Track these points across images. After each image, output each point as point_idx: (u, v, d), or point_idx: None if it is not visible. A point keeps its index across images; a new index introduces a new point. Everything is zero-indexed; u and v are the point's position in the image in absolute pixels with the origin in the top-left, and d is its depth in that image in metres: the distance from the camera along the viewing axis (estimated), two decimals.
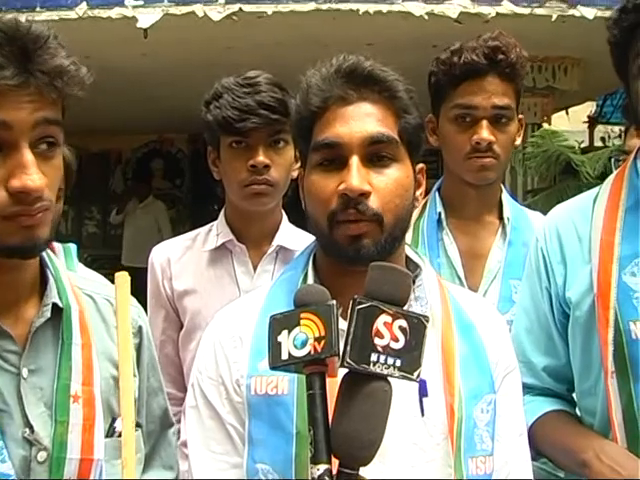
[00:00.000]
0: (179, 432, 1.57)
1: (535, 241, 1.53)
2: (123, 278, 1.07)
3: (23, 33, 1.00)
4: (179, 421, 1.75)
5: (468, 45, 1.78)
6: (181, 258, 1.94)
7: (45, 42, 1.01)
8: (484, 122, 1.77)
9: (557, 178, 5.10)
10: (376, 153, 1.17)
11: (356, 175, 1.13)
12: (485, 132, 1.77)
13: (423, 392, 1.14)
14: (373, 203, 1.14)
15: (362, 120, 1.17)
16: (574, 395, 1.50)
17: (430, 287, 1.23)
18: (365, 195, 1.14)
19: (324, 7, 4.35)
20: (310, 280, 1.22)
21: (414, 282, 1.24)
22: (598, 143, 8.58)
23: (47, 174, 1.03)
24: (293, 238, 1.88)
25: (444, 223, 1.88)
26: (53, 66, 1.01)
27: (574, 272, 1.42)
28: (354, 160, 1.15)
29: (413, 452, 1.13)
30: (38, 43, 1.01)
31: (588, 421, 1.44)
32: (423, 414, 1.14)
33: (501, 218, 1.89)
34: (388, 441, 1.06)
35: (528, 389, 1.50)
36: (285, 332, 0.96)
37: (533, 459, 1.46)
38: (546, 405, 1.49)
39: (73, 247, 1.99)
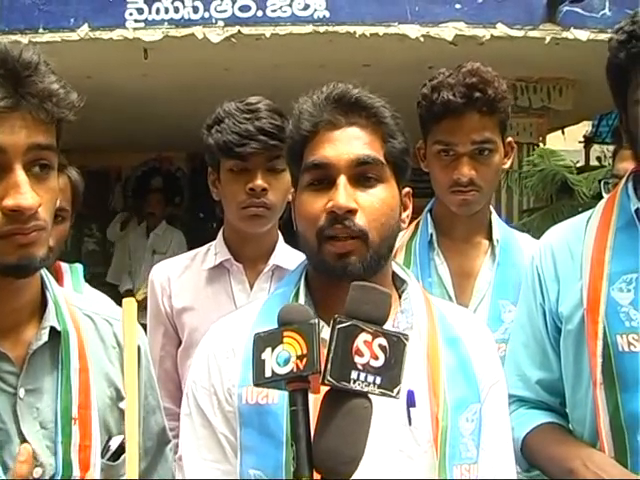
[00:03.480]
0: (177, 447, 1.60)
1: (531, 260, 1.57)
2: (130, 304, 1.09)
3: (14, 58, 1.03)
4: (177, 436, 1.78)
5: (447, 80, 1.78)
6: (180, 276, 1.98)
7: (35, 67, 1.04)
8: (464, 158, 1.80)
9: (553, 197, 5.13)
10: (363, 174, 1.22)
11: (343, 193, 1.18)
12: (465, 169, 1.79)
13: (411, 402, 1.18)
14: (360, 220, 1.19)
15: (350, 143, 1.22)
16: (566, 409, 1.54)
17: (416, 300, 1.28)
18: (352, 212, 1.18)
19: (321, 29, 4.39)
20: (302, 295, 1.26)
21: (400, 296, 1.29)
22: (594, 162, 8.62)
23: (41, 196, 1.04)
24: (288, 258, 1.92)
25: (435, 244, 1.91)
26: (42, 89, 1.04)
27: (566, 288, 1.47)
28: (341, 180, 1.20)
29: (400, 460, 1.17)
30: (29, 68, 1.03)
31: (579, 431, 1.47)
32: (411, 423, 1.18)
33: (490, 239, 1.92)
34: (376, 449, 1.10)
35: (522, 402, 1.55)
36: (269, 350, 0.97)
37: (526, 470, 1.50)
38: (539, 417, 1.53)
39: (79, 267, 2.03)
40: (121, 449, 1.18)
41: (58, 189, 1.12)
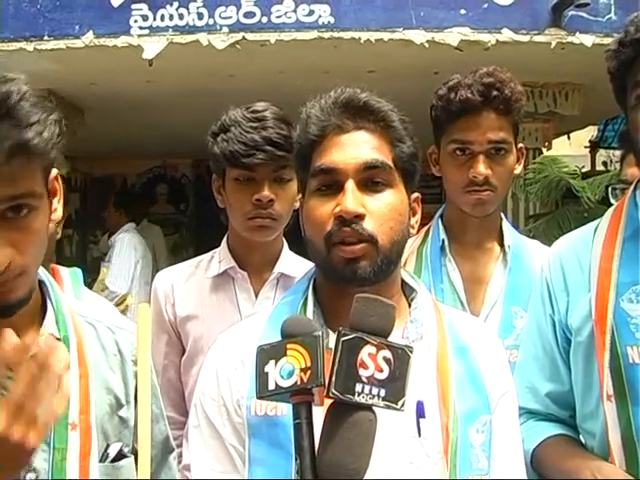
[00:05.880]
0: (180, 456, 1.60)
1: (540, 271, 1.56)
2: (145, 310, 1.08)
3: None
4: (180, 445, 1.77)
5: (464, 81, 1.81)
6: (184, 284, 1.97)
7: (7, 110, 1.00)
8: (480, 157, 1.81)
9: (559, 203, 5.12)
10: (371, 178, 1.20)
11: (351, 198, 1.17)
12: (481, 167, 1.80)
13: (420, 413, 1.16)
14: (368, 225, 1.18)
15: (358, 147, 1.21)
16: (576, 421, 1.52)
17: (426, 310, 1.26)
18: (360, 217, 1.17)
19: (326, 35, 4.38)
20: (310, 304, 1.25)
21: (410, 305, 1.27)
22: (600, 167, 8.61)
23: (18, 240, 1.03)
24: (293, 265, 1.91)
25: (447, 249, 1.91)
26: (9, 145, 0.99)
27: (576, 300, 1.46)
28: (349, 184, 1.19)
29: (410, 471, 1.15)
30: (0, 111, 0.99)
31: (589, 444, 1.46)
32: (420, 435, 1.16)
33: (502, 245, 1.92)
34: (385, 460, 1.09)
35: (532, 414, 1.53)
36: (272, 362, 0.97)
37: None
38: (549, 430, 1.51)
39: (79, 272, 2.02)
40: (119, 456, 1.19)
41: (44, 225, 1.09)
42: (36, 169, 1.05)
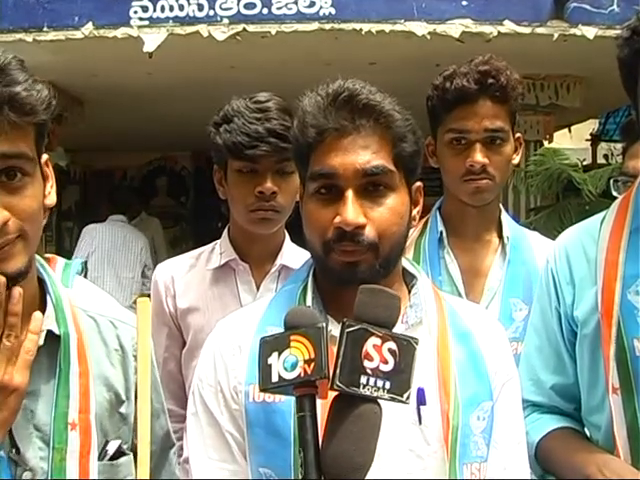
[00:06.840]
0: (181, 449, 1.59)
1: (546, 263, 1.55)
2: (144, 304, 1.06)
3: None
4: (181, 438, 1.76)
5: (460, 70, 1.81)
6: (185, 276, 1.96)
7: None
8: (477, 145, 1.80)
9: (560, 196, 5.12)
10: (371, 184, 1.18)
11: (351, 209, 1.15)
12: (478, 155, 1.80)
13: (421, 400, 1.15)
14: (369, 233, 1.16)
15: (357, 152, 1.18)
16: (581, 414, 1.51)
17: (425, 295, 1.25)
18: (361, 227, 1.16)
19: (327, 27, 4.37)
20: (309, 293, 1.24)
21: (410, 291, 1.26)
22: (601, 160, 8.59)
23: (13, 205, 1.02)
24: (295, 257, 1.89)
25: (445, 242, 1.90)
26: None
27: (582, 292, 1.45)
28: (349, 194, 1.16)
29: (410, 459, 1.15)
30: None
31: (594, 436, 1.45)
32: (421, 422, 1.16)
33: (500, 237, 1.91)
34: (385, 448, 1.08)
35: (536, 407, 1.53)
36: (275, 354, 0.96)
37: (540, 477, 1.48)
38: (553, 423, 1.51)
39: (75, 263, 2.00)
40: (118, 453, 1.18)
41: (39, 195, 1.08)
42: (28, 131, 1.04)
